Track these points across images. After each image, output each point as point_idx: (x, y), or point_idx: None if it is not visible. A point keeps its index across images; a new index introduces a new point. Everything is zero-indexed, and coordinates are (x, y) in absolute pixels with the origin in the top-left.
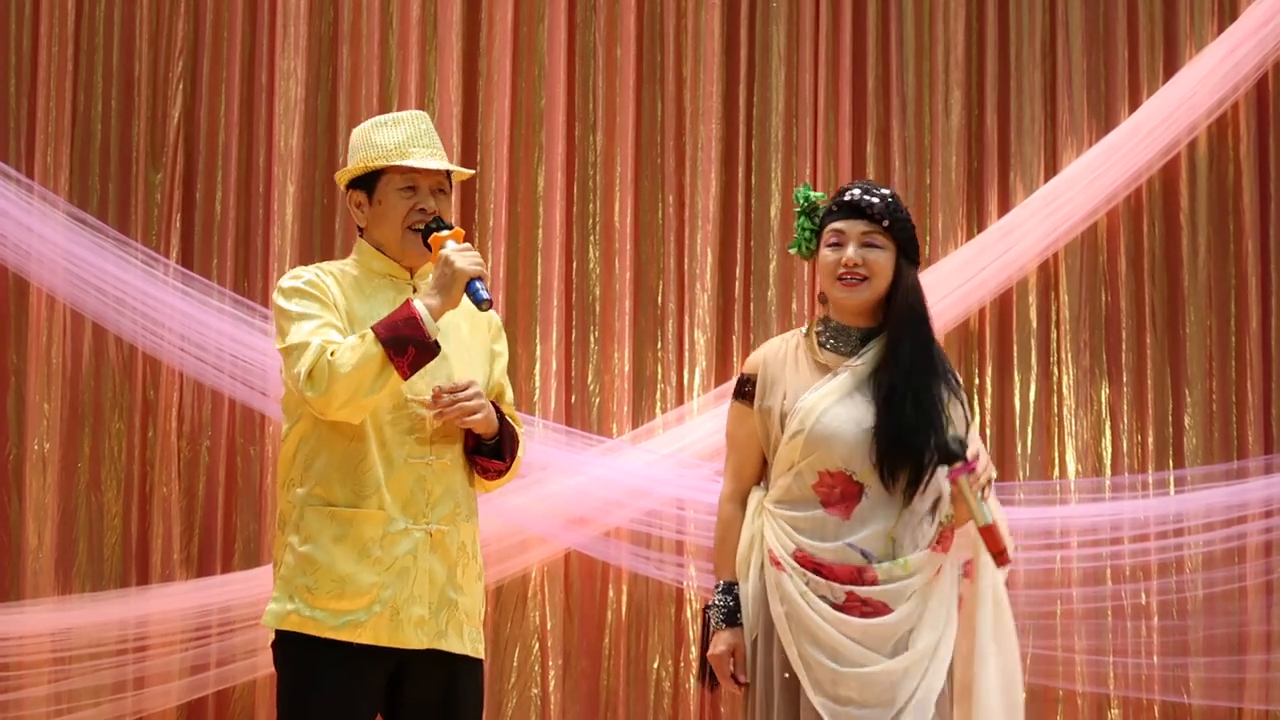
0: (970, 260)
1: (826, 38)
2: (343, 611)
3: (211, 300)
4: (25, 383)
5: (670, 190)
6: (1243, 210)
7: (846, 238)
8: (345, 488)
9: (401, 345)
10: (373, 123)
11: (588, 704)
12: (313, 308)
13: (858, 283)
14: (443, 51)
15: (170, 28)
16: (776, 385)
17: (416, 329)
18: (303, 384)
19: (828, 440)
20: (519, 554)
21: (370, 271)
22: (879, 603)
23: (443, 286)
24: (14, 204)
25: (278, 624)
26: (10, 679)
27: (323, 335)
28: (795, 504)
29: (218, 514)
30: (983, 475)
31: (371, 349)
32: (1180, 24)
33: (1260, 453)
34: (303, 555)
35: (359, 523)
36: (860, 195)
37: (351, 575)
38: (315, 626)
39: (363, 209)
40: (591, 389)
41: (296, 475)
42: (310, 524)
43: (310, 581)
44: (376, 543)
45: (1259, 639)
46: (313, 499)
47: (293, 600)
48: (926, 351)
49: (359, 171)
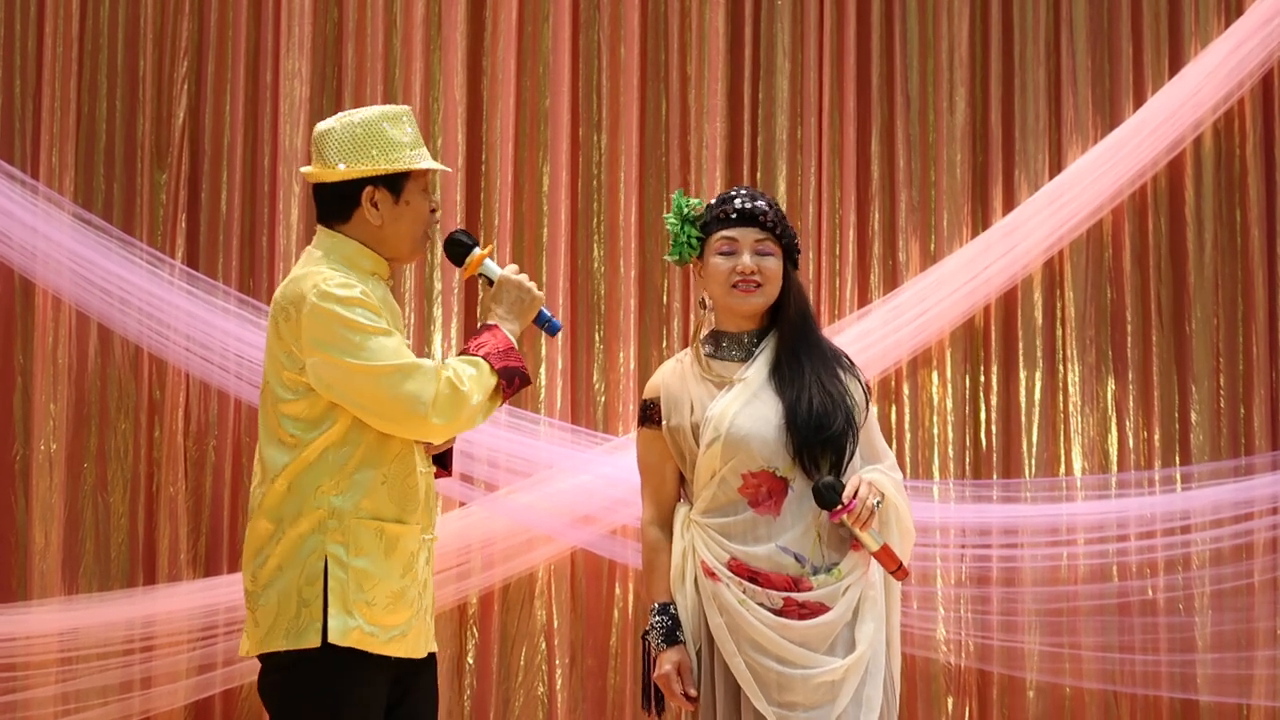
0: (975, 257)
1: (831, 36)
2: (393, 626)
3: (217, 300)
4: (31, 383)
5: (675, 189)
6: (1248, 206)
7: (740, 245)
8: (393, 503)
9: (511, 376)
10: (378, 115)
11: (594, 702)
12: (381, 321)
13: (753, 289)
14: (447, 51)
15: (175, 28)
16: (680, 403)
17: (519, 360)
18: (429, 408)
19: (745, 441)
20: (525, 552)
21: (360, 270)
22: (816, 604)
23: (520, 312)
24: (19, 205)
25: (341, 640)
26: (17, 679)
27: (419, 357)
28: (723, 510)
29: (224, 514)
30: (862, 510)
31: (489, 379)
32: (1185, 20)
33: (1267, 449)
34: (359, 570)
35: (404, 538)
36: (752, 204)
37: (402, 590)
38: (372, 642)
39: (379, 207)
40: (597, 387)
41: (328, 484)
42: (361, 539)
43: (369, 596)
44: (415, 556)
45: (1266, 635)
46: (360, 512)
47: (353, 616)
48: (819, 347)
49: (391, 170)
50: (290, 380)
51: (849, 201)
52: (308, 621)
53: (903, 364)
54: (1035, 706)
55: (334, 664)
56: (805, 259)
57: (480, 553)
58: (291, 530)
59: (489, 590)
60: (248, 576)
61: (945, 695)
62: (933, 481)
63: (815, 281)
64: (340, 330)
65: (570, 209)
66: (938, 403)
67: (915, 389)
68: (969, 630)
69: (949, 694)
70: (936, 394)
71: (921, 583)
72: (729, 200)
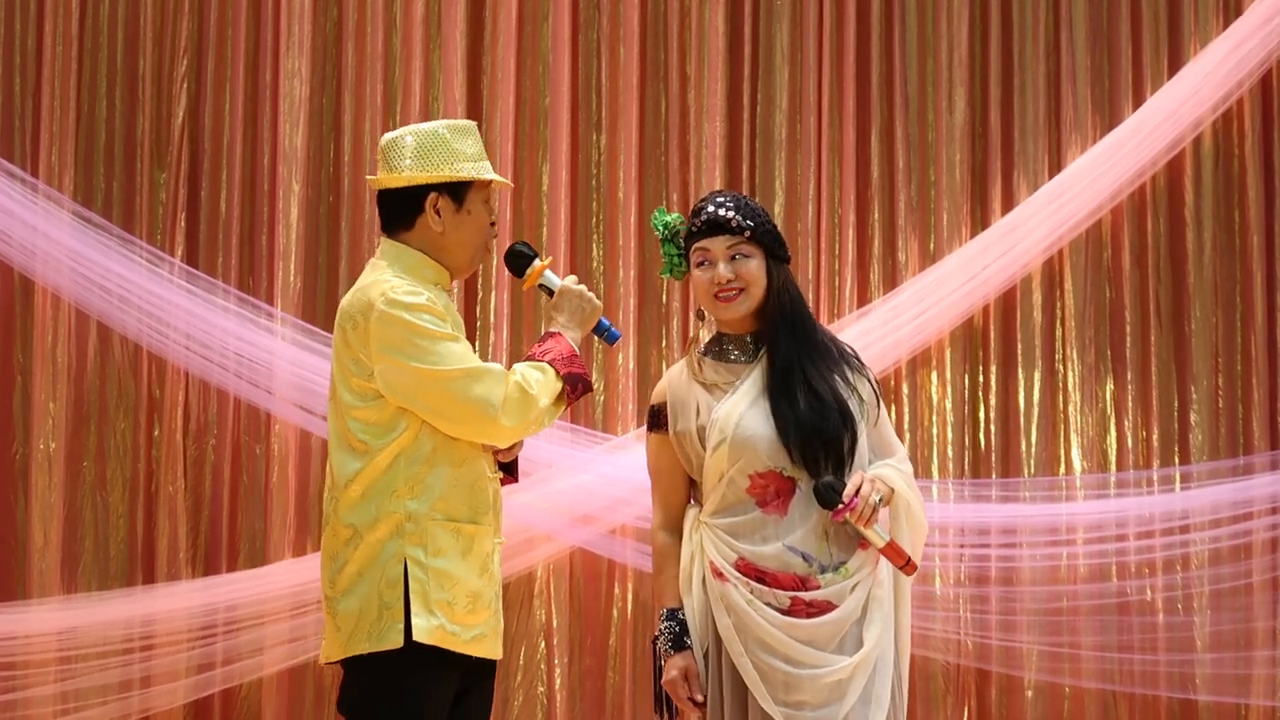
0: (974, 257)
1: (830, 35)
2: (473, 625)
3: (216, 298)
4: (31, 382)
5: (674, 188)
6: (1248, 206)
7: (713, 255)
8: (465, 504)
9: (575, 383)
10: (446, 128)
11: (593, 702)
12: (447, 327)
13: (734, 296)
14: (447, 50)
15: (175, 27)
16: (686, 408)
17: (583, 366)
18: (499, 410)
19: (751, 442)
20: (525, 552)
21: (422, 280)
22: (823, 602)
23: (582, 321)
24: (19, 203)
25: (428, 639)
26: (17, 678)
27: (488, 362)
28: (732, 510)
29: (223, 513)
30: (864, 508)
31: (555, 384)
32: (1184, 20)
33: (1266, 448)
34: (438, 570)
35: (479, 539)
36: (716, 211)
37: (480, 591)
38: (455, 641)
39: (441, 215)
40: (596, 387)
41: (403, 488)
42: (439, 540)
43: (449, 596)
44: (490, 558)
45: (1265, 634)
46: (435, 514)
47: (435, 615)
48: (810, 340)
49: (458, 178)
50: (359, 387)
51: (848, 201)
52: (389, 623)
53: (902, 363)
54: (1034, 706)
55: (417, 663)
56: (805, 259)
57: None
58: (370, 536)
59: None
60: (326, 583)
61: (944, 695)
62: (932, 481)
63: (815, 281)
64: (409, 336)
65: (569, 208)
66: (937, 402)
67: (914, 388)
68: (968, 630)
69: (948, 694)
70: (936, 393)
71: (920, 582)
72: (698, 212)
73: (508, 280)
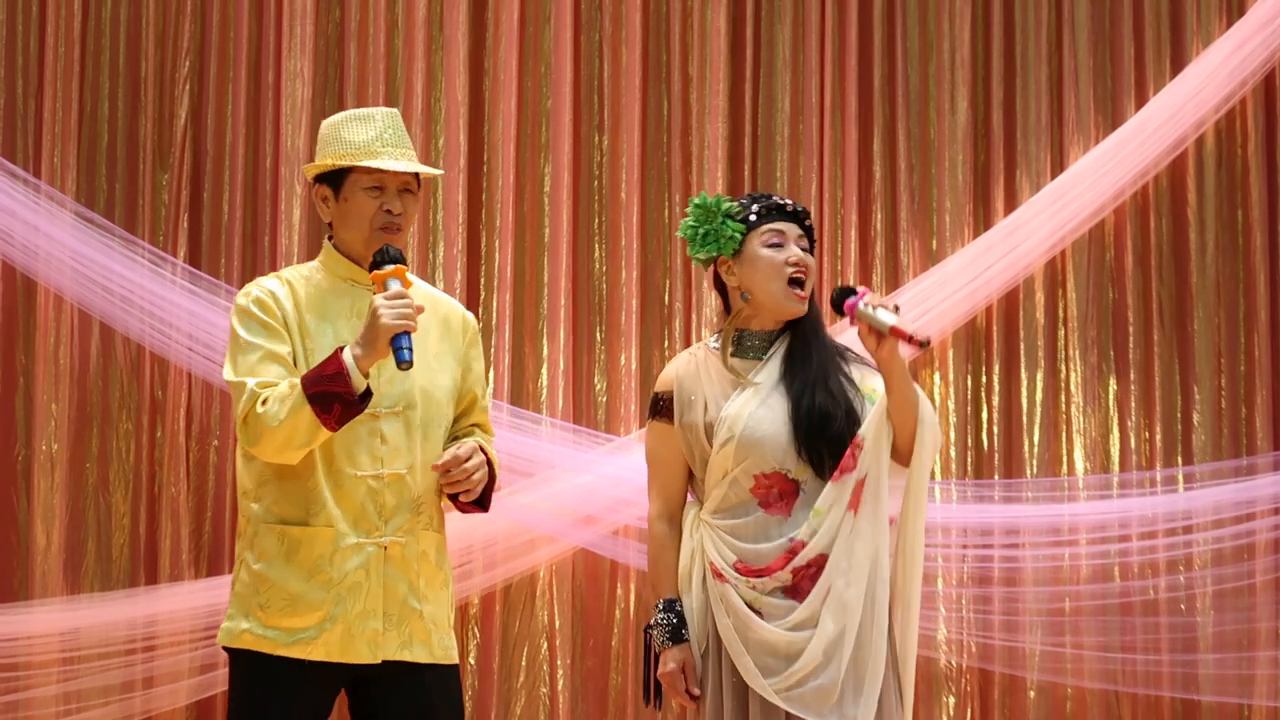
0: (977, 258)
1: (832, 36)
2: (295, 629)
3: (219, 299)
4: (33, 383)
5: (676, 189)
6: (1250, 206)
7: (788, 238)
8: (295, 505)
9: (327, 402)
10: (344, 117)
11: (596, 703)
12: (259, 335)
13: (805, 278)
14: (449, 51)
15: (177, 28)
16: (695, 400)
17: (344, 385)
18: (238, 428)
19: (759, 443)
20: (527, 553)
21: (335, 276)
22: (817, 556)
23: (367, 341)
24: (21, 204)
25: (231, 642)
26: (19, 679)
27: (260, 374)
28: (734, 510)
29: (226, 514)
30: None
31: (300, 403)
32: (1186, 19)
33: (1269, 449)
34: (256, 573)
35: (309, 540)
36: (791, 202)
37: (302, 593)
38: (268, 645)
39: (328, 204)
40: (598, 388)
41: (251, 489)
42: (264, 542)
43: (263, 599)
44: (327, 560)
45: (1268, 635)
46: (268, 516)
47: (247, 618)
48: (824, 342)
49: (327, 168)
50: None
51: (850, 201)
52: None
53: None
54: (1036, 707)
55: (241, 665)
56: None
57: (482, 553)
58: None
59: (490, 591)
60: None
61: (946, 695)
62: (934, 481)
63: (817, 282)
64: (228, 340)
65: (572, 209)
66: (939, 403)
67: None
68: (970, 630)
69: (950, 694)
70: (938, 394)
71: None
72: (765, 197)
73: (509, 280)
